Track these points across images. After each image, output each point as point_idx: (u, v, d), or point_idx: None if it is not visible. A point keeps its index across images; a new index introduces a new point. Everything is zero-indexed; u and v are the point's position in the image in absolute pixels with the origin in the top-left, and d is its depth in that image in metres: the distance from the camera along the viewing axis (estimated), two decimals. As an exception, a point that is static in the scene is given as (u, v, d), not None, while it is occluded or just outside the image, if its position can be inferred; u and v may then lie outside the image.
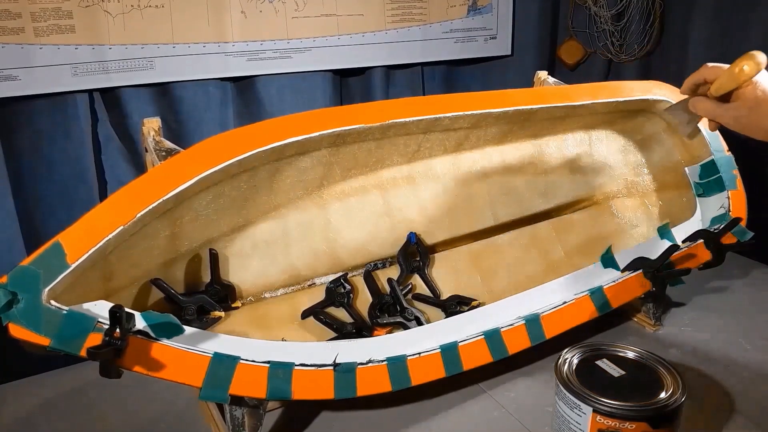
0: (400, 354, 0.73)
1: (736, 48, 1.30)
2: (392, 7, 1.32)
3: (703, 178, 1.00)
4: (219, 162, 0.70)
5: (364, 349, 0.73)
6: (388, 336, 0.78)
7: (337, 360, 0.69)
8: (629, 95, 1.00)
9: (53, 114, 1.10)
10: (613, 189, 1.11)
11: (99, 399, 0.84)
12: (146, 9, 1.10)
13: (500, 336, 0.78)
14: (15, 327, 0.57)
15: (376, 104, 0.84)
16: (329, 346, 0.71)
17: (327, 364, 0.68)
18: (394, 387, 0.71)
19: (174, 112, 1.20)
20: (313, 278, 0.89)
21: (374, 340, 0.77)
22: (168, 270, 0.78)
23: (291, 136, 0.75)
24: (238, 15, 1.18)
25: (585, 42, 1.53)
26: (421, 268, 0.92)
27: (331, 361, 0.69)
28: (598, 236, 1.06)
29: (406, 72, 1.41)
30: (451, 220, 0.97)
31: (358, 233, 0.91)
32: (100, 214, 0.64)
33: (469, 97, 0.88)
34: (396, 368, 0.72)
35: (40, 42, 1.04)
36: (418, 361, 0.73)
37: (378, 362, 0.71)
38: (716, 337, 0.94)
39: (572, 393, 0.65)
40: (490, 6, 1.43)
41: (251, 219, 0.84)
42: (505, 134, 0.99)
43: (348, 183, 0.91)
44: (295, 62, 1.26)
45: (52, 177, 1.13)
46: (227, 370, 0.64)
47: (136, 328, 0.62)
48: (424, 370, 0.73)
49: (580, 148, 1.08)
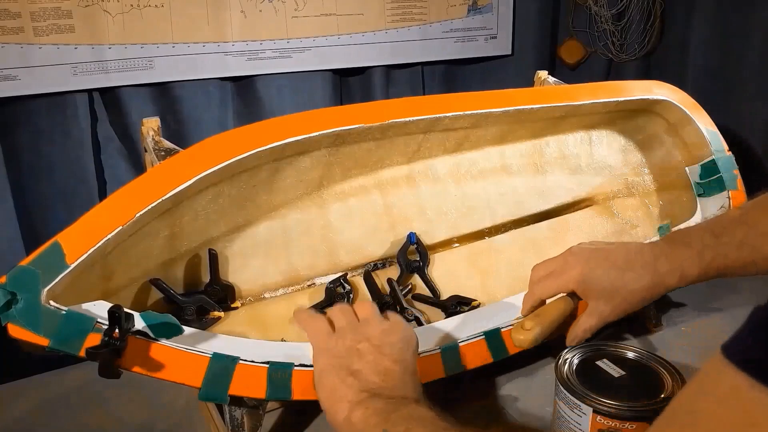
0: (400, 354, 0.73)
1: (737, 48, 1.30)
2: (392, 6, 1.32)
3: (704, 178, 1.00)
4: (218, 162, 0.70)
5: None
6: (388, 336, 0.78)
7: (336, 360, 0.69)
8: (629, 95, 1.00)
9: (53, 114, 1.10)
10: (613, 189, 1.11)
11: (98, 399, 0.84)
12: (146, 9, 1.10)
13: (500, 336, 0.78)
14: (14, 327, 0.57)
15: (376, 104, 0.84)
16: (329, 347, 0.71)
17: (327, 365, 0.68)
18: (393, 387, 0.71)
19: (173, 111, 1.19)
20: (313, 278, 0.88)
21: (374, 340, 0.77)
22: (167, 270, 0.78)
23: (291, 136, 0.75)
24: (237, 14, 1.18)
25: (585, 42, 1.53)
26: (420, 269, 0.92)
27: (331, 362, 0.68)
28: (598, 236, 1.06)
29: (406, 72, 1.40)
30: (450, 220, 0.97)
31: (358, 233, 0.91)
32: (100, 214, 0.64)
33: (469, 97, 0.88)
34: (396, 368, 0.71)
35: (39, 42, 1.04)
36: (418, 361, 0.73)
37: (378, 362, 0.71)
38: (716, 337, 0.94)
39: (572, 393, 0.65)
40: (490, 6, 1.43)
41: (251, 219, 0.84)
42: (505, 134, 0.99)
43: (348, 183, 0.91)
44: (295, 62, 1.26)
45: (52, 177, 1.12)
46: (227, 370, 0.64)
47: (136, 328, 0.62)
48: (424, 370, 0.73)
49: (580, 148, 1.08)
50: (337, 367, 0.58)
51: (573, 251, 0.75)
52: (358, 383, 0.56)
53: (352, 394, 0.55)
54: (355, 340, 0.60)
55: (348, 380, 0.56)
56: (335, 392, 0.56)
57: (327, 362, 0.59)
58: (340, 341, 0.60)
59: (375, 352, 0.58)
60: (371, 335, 0.60)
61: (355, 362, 0.58)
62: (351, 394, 0.55)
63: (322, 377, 0.58)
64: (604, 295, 0.71)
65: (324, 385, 0.58)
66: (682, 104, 1.02)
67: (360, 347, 0.59)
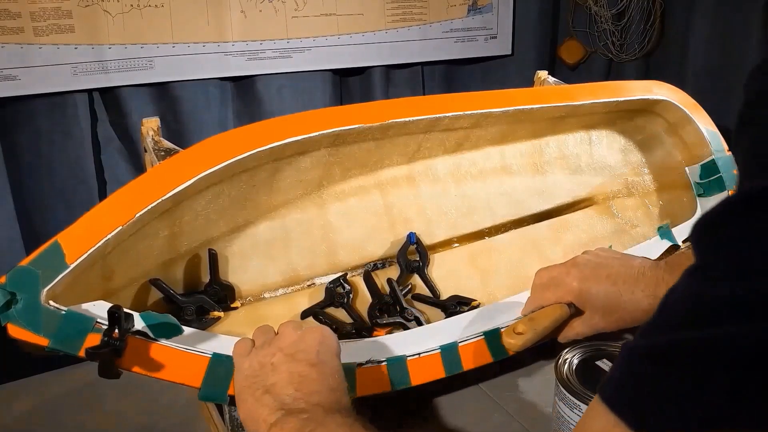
0: (400, 354, 0.73)
1: (737, 48, 1.30)
2: (392, 6, 1.32)
3: (704, 178, 1.00)
4: (218, 162, 0.70)
5: (364, 349, 0.73)
6: (388, 336, 0.78)
7: (336, 360, 0.69)
8: (629, 95, 0.99)
9: (53, 114, 1.10)
10: (613, 189, 1.10)
11: (98, 399, 0.84)
12: (146, 8, 1.10)
13: (500, 336, 0.78)
14: (14, 327, 0.57)
15: (376, 104, 0.84)
16: (329, 347, 0.71)
17: (326, 365, 0.68)
18: (393, 387, 0.71)
19: (173, 111, 1.20)
20: (313, 278, 0.88)
21: (374, 340, 0.77)
22: (167, 270, 0.78)
23: (291, 136, 0.75)
24: (237, 14, 1.18)
25: (585, 42, 1.53)
26: (420, 269, 0.92)
27: (331, 362, 0.68)
28: (598, 237, 1.06)
29: (406, 72, 1.41)
30: (450, 220, 0.97)
31: (358, 233, 0.91)
32: (99, 214, 0.64)
33: (469, 97, 0.88)
34: (396, 368, 0.72)
35: (39, 42, 1.04)
36: (418, 362, 0.73)
37: (378, 362, 0.71)
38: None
39: (572, 393, 0.65)
40: (490, 6, 1.43)
41: (251, 219, 0.84)
42: (505, 134, 0.99)
43: (348, 183, 0.91)
44: (295, 62, 1.26)
45: (52, 177, 1.13)
46: (226, 370, 0.64)
47: (135, 328, 0.62)
48: (424, 371, 0.73)
49: (580, 148, 1.08)
50: (252, 386, 0.57)
51: (577, 262, 0.75)
52: (272, 401, 0.55)
53: (267, 413, 0.54)
54: (269, 354, 0.59)
55: (263, 399, 0.55)
56: (252, 413, 0.56)
57: (243, 383, 0.59)
58: (254, 359, 0.60)
59: (288, 361, 0.58)
60: (284, 345, 0.60)
61: (270, 377, 0.57)
62: (266, 413, 0.54)
63: (240, 398, 0.58)
64: (600, 311, 0.72)
65: (242, 407, 0.58)
66: (682, 104, 1.02)
67: (274, 360, 0.58)
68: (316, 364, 0.58)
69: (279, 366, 0.58)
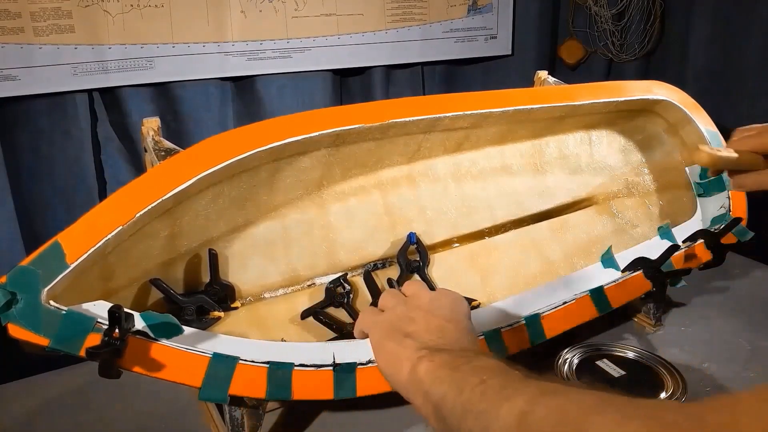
0: (400, 354, 0.73)
1: (737, 48, 1.30)
2: (392, 6, 1.32)
3: (704, 178, 1.00)
4: (219, 162, 0.70)
5: (364, 349, 0.72)
6: (388, 336, 0.78)
7: (336, 360, 0.69)
8: (629, 95, 1.00)
9: (53, 114, 1.10)
10: (613, 189, 1.11)
11: (98, 399, 0.84)
12: (146, 9, 1.10)
13: (500, 336, 0.78)
14: (14, 327, 0.57)
15: (376, 104, 0.84)
16: (329, 347, 0.71)
17: (327, 365, 0.68)
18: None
19: (173, 111, 1.20)
20: (313, 278, 0.88)
21: (374, 340, 0.77)
22: (167, 270, 0.78)
23: (291, 136, 0.75)
24: (237, 14, 1.18)
25: (585, 42, 1.53)
26: (420, 268, 0.92)
27: (331, 362, 0.68)
28: (598, 237, 1.06)
29: (406, 72, 1.41)
30: (450, 220, 0.97)
31: (358, 233, 0.91)
32: (100, 214, 0.64)
33: (469, 97, 0.88)
34: (396, 368, 0.71)
35: (39, 42, 1.04)
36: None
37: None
38: (716, 337, 0.94)
39: (572, 393, 0.65)
40: (490, 6, 1.43)
41: (251, 219, 0.84)
42: (505, 134, 0.99)
43: (348, 183, 0.91)
44: (295, 62, 1.26)
45: (52, 177, 1.13)
46: (227, 370, 0.64)
47: (136, 328, 0.62)
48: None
49: (580, 148, 1.08)
50: (391, 332, 0.57)
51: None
52: (415, 342, 0.55)
53: (411, 352, 0.54)
54: (405, 310, 0.60)
55: (405, 342, 0.56)
56: (394, 355, 0.55)
57: (381, 332, 0.59)
58: (392, 314, 0.60)
59: (426, 315, 0.59)
60: (420, 304, 0.61)
61: (408, 326, 0.58)
62: (410, 352, 0.54)
63: (379, 346, 0.58)
64: None
65: (382, 353, 0.57)
66: (682, 104, 1.02)
67: (411, 314, 0.59)
68: (452, 320, 0.59)
69: (417, 319, 0.58)
